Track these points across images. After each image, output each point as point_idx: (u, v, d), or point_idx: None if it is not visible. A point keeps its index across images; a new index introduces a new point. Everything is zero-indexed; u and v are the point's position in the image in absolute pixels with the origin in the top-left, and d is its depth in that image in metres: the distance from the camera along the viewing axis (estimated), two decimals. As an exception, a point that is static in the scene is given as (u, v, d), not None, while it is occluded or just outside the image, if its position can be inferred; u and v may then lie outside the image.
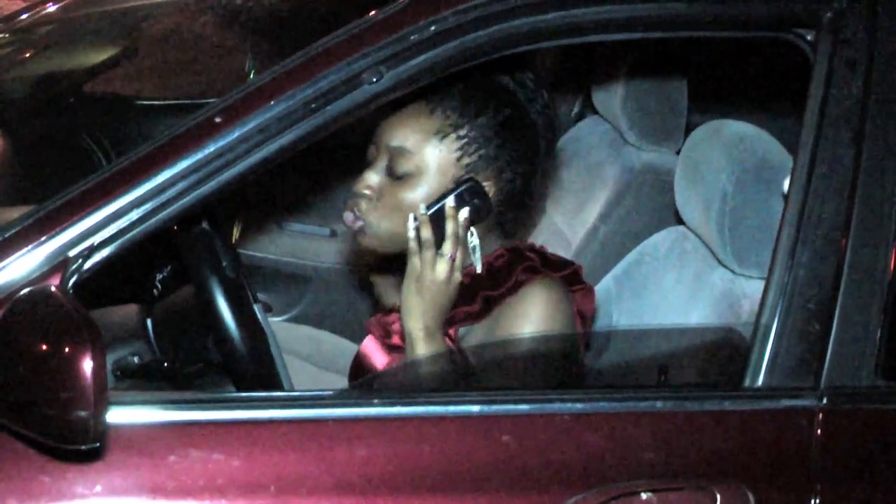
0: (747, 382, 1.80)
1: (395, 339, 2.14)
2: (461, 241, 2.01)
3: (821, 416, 1.79)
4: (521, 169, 2.07)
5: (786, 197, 1.85)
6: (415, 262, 2.01)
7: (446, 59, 1.78)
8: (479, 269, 2.05)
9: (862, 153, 1.83)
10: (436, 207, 2.01)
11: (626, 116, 2.86)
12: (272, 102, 1.73)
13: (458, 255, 2.00)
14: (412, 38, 1.76)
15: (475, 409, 1.73)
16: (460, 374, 2.08)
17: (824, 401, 1.79)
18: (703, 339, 2.17)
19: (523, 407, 1.75)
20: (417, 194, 2.03)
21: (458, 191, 2.01)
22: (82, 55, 3.24)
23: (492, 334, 2.03)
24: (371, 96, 1.76)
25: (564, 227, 3.00)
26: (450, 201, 2.01)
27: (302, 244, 3.47)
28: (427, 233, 1.99)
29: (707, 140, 2.27)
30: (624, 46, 2.87)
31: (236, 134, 1.72)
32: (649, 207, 2.87)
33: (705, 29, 1.91)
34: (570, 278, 2.09)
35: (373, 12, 1.80)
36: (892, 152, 1.84)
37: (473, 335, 2.06)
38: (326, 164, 3.26)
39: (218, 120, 1.72)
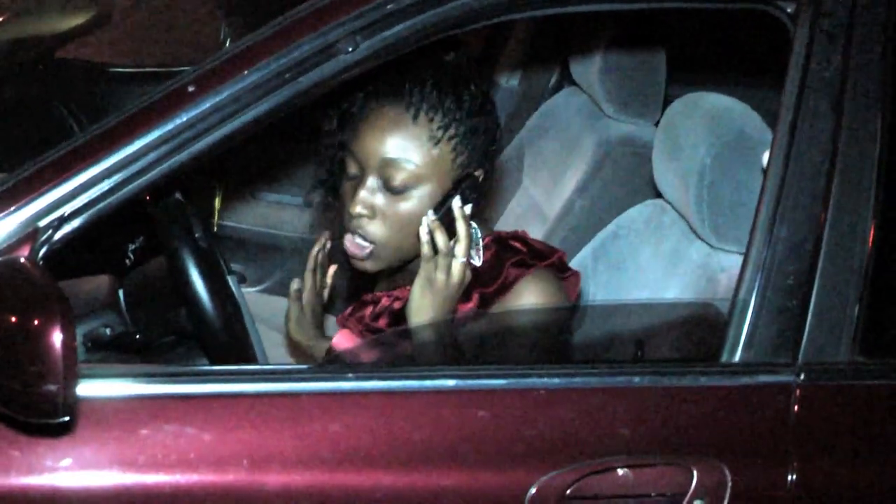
0: (725, 358, 1.79)
1: (383, 323, 2.11)
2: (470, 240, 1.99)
3: (798, 391, 1.78)
4: (491, 154, 2.06)
5: (765, 171, 1.84)
6: (429, 268, 1.97)
7: (422, 28, 1.75)
8: (479, 263, 2.02)
9: (841, 126, 1.82)
10: (443, 210, 1.98)
11: (603, 88, 2.84)
12: (246, 72, 1.70)
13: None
14: (388, 7, 1.74)
15: (450, 383, 1.72)
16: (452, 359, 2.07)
17: (802, 377, 1.79)
18: (681, 314, 2.16)
19: (499, 382, 1.74)
20: (422, 204, 1.99)
21: (461, 189, 1.99)
22: (54, 21, 3.20)
23: None
24: (346, 66, 1.74)
25: (541, 199, 2.98)
26: (456, 202, 1.98)
27: (277, 214, 3.45)
28: (443, 238, 1.95)
29: (686, 113, 2.25)
30: (602, 17, 2.85)
31: (209, 103, 1.69)
32: (627, 180, 2.86)
33: (685, 0, 1.90)
34: (557, 267, 2.08)
35: (349, -20, 1.78)
36: (871, 126, 1.83)
37: None
38: (301, 133, 3.24)
39: (191, 89, 1.70)
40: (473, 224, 2.02)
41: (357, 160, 2.02)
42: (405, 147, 1.98)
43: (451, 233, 1.97)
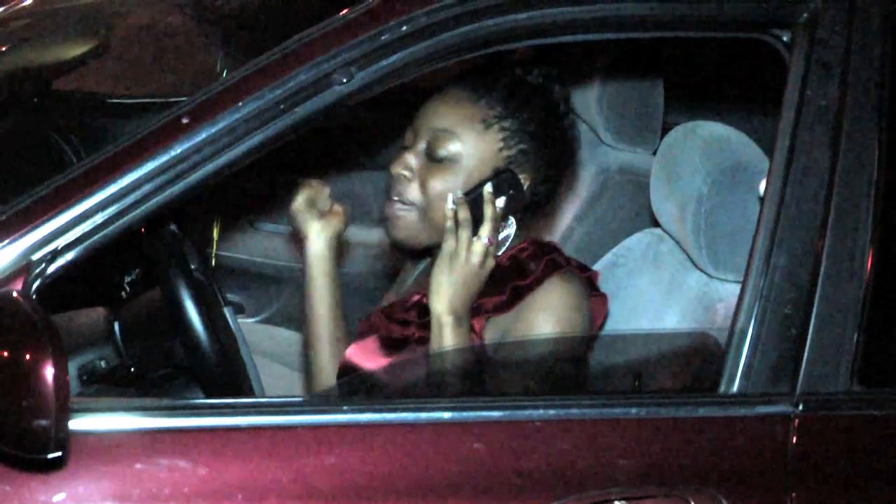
0: (723, 388, 1.78)
1: (412, 315, 2.14)
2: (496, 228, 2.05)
3: (796, 422, 1.77)
4: (550, 173, 2.14)
5: (762, 199, 1.83)
6: (450, 243, 2.03)
7: (418, 59, 1.76)
8: (499, 253, 2.07)
9: (838, 155, 1.82)
10: (475, 193, 2.05)
11: (602, 117, 2.84)
12: (241, 103, 1.70)
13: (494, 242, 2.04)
14: (383, 37, 1.74)
15: (446, 415, 1.71)
16: (476, 372, 2.11)
17: (800, 407, 1.78)
18: (678, 344, 2.15)
19: (495, 413, 1.73)
20: (456, 180, 2.07)
21: (497, 179, 2.06)
22: (51, 52, 3.20)
23: (514, 325, 2.05)
24: (341, 97, 1.74)
25: (539, 227, 2.98)
26: (488, 187, 2.05)
27: (276, 244, 3.44)
28: (465, 213, 2.02)
29: (683, 141, 2.25)
30: (600, 46, 2.85)
31: (204, 135, 1.69)
32: (625, 209, 2.85)
33: (681, 29, 1.90)
34: (589, 282, 2.14)
35: (344, 11, 1.78)
36: (868, 154, 1.83)
37: (496, 325, 2.08)
38: (300, 163, 3.24)
39: (185, 121, 1.70)
40: (511, 219, 2.09)
41: (413, 128, 2.13)
42: (456, 121, 2.09)
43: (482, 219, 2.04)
